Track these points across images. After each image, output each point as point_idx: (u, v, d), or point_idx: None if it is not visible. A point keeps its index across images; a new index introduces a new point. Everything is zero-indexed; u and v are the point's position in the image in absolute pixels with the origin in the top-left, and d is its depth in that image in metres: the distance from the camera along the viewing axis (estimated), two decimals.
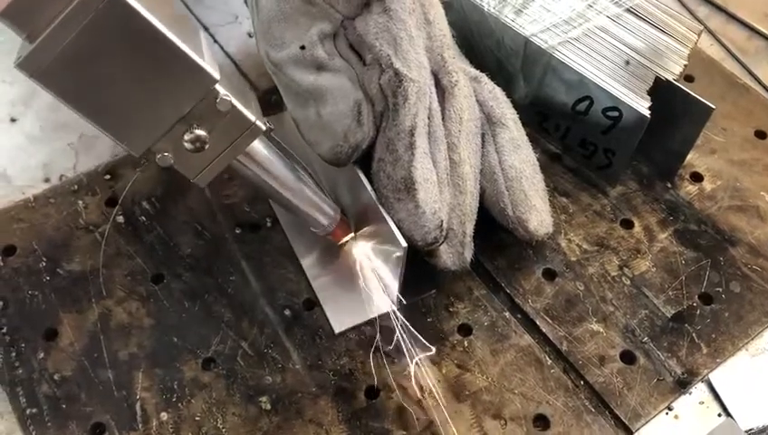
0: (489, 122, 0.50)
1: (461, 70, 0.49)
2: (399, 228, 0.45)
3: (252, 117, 0.40)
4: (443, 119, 0.47)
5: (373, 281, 0.51)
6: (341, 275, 0.51)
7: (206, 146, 0.39)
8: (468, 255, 0.48)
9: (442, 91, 0.47)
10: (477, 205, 0.49)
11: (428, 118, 0.46)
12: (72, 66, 0.36)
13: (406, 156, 0.45)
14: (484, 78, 0.51)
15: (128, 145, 0.39)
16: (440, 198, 0.45)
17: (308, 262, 0.52)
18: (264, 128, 0.40)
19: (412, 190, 0.44)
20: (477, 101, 0.50)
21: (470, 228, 0.48)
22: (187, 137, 0.38)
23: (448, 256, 0.47)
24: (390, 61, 0.44)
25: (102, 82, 0.37)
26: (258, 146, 0.42)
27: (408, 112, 0.45)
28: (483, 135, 0.50)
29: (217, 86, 0.38)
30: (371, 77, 0.45)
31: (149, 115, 0.38)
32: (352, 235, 0.49)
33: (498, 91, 0.51)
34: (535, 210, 0.49)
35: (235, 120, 0.39)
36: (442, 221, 0.45)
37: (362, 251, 0.49)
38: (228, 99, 0.39)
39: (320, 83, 0.45)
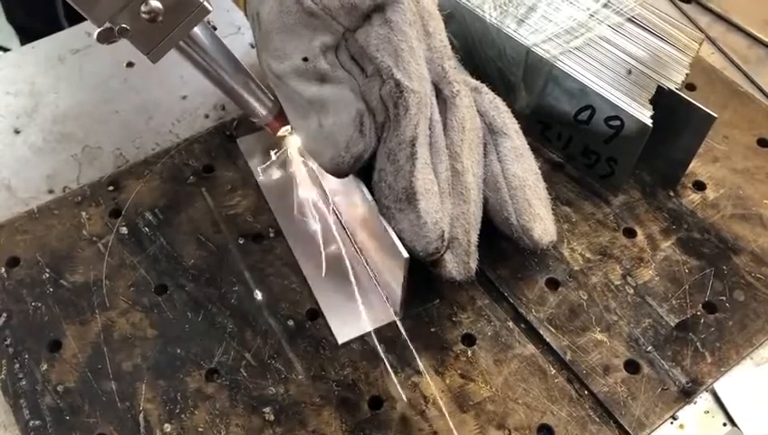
0: (491, 132, 0.50)
1: (462, 81, 0.49)
2: (401, 239, 0.45)
3: None
4: (445, 129, 0.47)
5: (376, 291, 0.51)
6: (345, 286, 0.51)
7: (160, 18, 0.44)
8: (473, 264, 0.48)
9: (443, 101, 0.47)
10: (481, 214, 0.49)
11: (430, 128, 0.46)
12: None
13: (407, 166, 0.45)
14: (484, 88, 0.51)
15: (90, 15, 0.43)
16: (442, 208, 0.45)
17: (311, 272, 0.52)
18: (210, 9, 0.45)
19: (413, 201, 0.44)
20: (478, 111, 0.50)
21: (474, 238, 0.48)
22: (143, 8, 0.43)
23: (453, 266, 0.47)
24: (391, 72, 0.45)
25: None
26: (206, 35, 0.47)
27: (409, 123, 0.45)
28: (485, 145, 0.50)
29: None
30: (372, 88, 0.45)
31: None
32: (288, 128, 0.51)
33: (499, 101, 0.51)
34: (539, 219, 0.49)
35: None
36: (443, 231, 0.45)
37: (297, 143, 0.52)
38: None
39: (322, 94, 0.45)
